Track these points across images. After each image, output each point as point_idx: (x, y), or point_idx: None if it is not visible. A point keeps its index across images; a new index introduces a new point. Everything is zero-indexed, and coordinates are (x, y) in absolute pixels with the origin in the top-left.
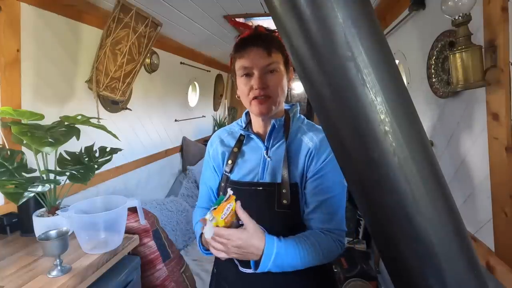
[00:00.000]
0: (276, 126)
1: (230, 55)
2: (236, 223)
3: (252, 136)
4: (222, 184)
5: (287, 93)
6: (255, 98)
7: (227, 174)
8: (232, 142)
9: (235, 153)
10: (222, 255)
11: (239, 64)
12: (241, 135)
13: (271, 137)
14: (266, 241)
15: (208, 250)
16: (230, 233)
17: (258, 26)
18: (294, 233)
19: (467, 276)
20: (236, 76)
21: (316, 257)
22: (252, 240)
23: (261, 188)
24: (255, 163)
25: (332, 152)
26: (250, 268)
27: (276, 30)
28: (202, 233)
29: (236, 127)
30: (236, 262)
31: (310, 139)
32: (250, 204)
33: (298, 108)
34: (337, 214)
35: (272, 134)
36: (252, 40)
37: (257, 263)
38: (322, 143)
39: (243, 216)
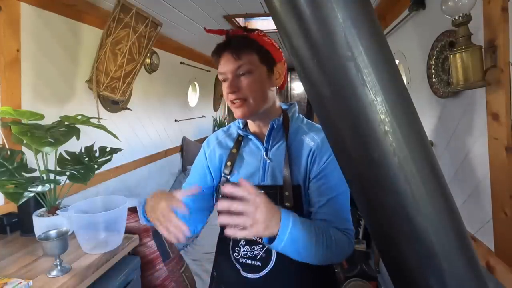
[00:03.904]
0: (275, 127)
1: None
2: None
3: (251, 137)
4: (222, 187)
5: (287, 93)
6: (232, 102)
7: (226, 176)
8: (230, 143)
9: (234, 154)
10: (245, 233)
11: (218, 70)
12: (239, 135)
13: (270, 138)
14: (281, 209)
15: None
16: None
17: (229, 30)
18: None
19: (467, 276)
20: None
21: (327, 246)
22: (270, 203)
23: (262, 191)
24: (255, 165)
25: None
26: (253, 272)
27: (251, 30)
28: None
29: (234, 128)
30: (238, 266)
31: (312, 139)
32: None
33: (297, 107)
34: (343, 212)
35: (271, 135)
36: (224, 46)
37: (270, 239)
38: (323, 142)
39: (247, 187)
